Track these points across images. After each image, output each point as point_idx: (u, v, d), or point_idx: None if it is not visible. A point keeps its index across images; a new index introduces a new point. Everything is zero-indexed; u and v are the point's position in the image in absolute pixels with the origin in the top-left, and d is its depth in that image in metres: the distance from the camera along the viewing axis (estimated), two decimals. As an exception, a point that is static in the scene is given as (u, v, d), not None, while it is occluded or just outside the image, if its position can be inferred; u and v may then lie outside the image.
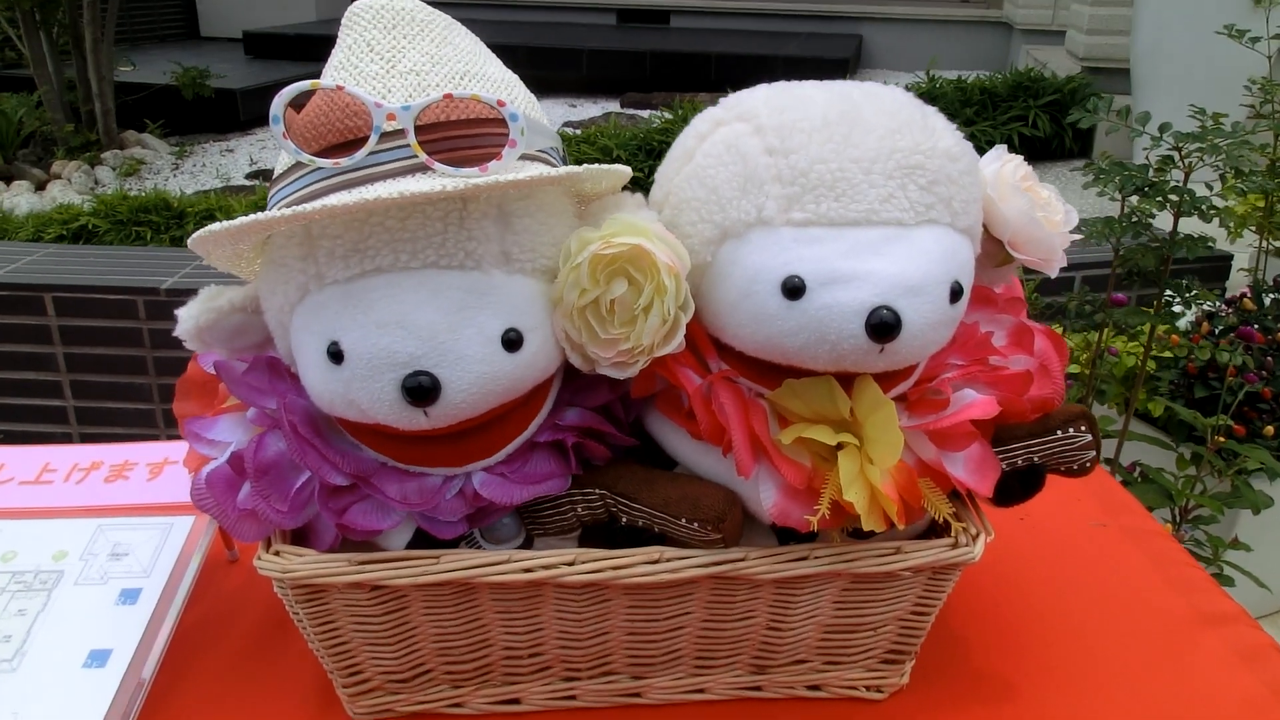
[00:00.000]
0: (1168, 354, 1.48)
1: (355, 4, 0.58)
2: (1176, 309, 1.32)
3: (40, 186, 3.83)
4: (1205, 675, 0.73)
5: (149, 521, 0.80)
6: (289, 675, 0.73)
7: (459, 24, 0.61)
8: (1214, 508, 1.26)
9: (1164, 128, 1.11)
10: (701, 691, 0.70)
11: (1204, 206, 1.12)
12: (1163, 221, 1.24)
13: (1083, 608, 0.80)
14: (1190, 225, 1.24)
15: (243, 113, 4.79)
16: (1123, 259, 1.23)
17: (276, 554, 0.61)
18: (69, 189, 3.76)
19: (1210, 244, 1.16)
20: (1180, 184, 1.14)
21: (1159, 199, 1.13)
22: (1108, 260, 1.42)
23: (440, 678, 0.68)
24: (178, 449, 0.89)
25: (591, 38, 5.83)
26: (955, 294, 0.56)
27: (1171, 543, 0.89)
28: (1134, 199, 1.17)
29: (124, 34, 5.09)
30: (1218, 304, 1.53)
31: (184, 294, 0.62)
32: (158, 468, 0.87)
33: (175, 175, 4.07)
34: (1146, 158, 1.19)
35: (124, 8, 4.68)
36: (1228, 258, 2.13)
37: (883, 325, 0.53)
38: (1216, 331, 1.51)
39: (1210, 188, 1.16)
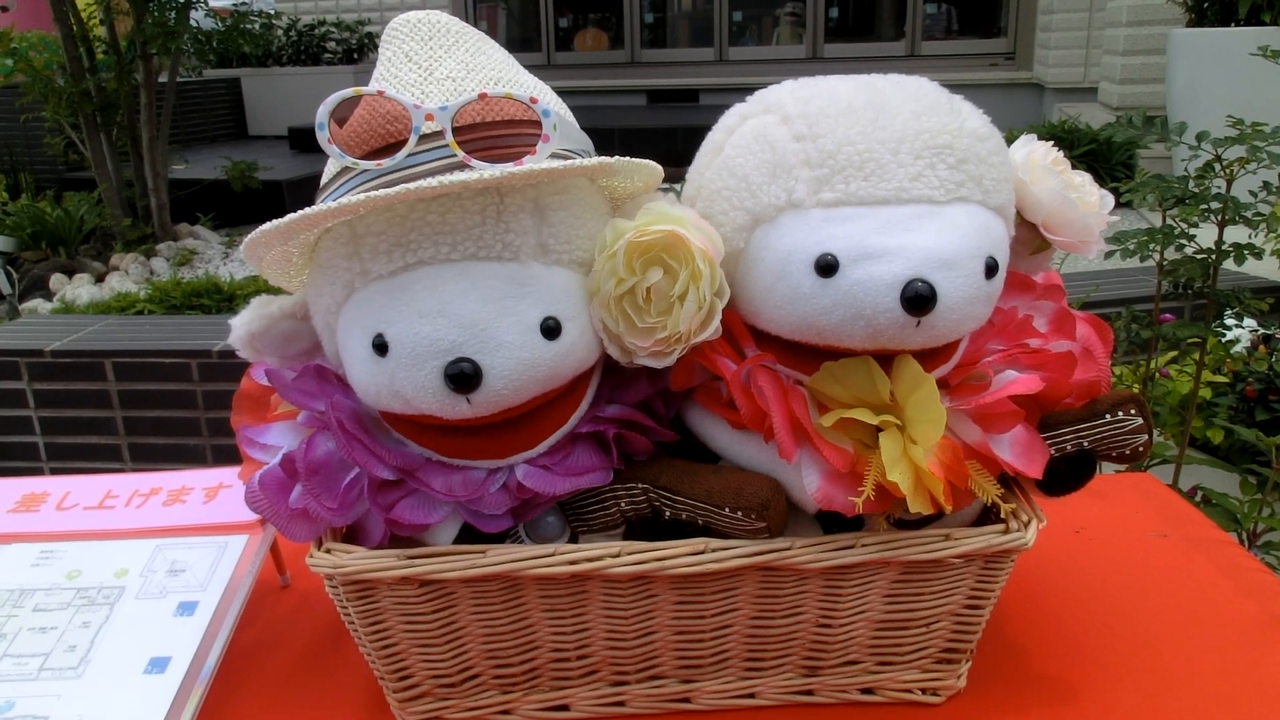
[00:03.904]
0: (1222, 378, 1.44)
1: (394, 20, 0.63)
2: (1229, 321, 1.29)
3: (100, 278, 4.01)
4: (1282, 676, 0.70)
5: (205, 540, 0.82)
6: (340, 687, 0.73)
7: (491, 39, 0.64)
8: (1284, 529, 1.21)
9: (1201, 135, 1.11)
10: (751, 696, 0.69)
11: (1249, 213, 1.11)
12: (1205, 239, 1.23)
13: (1148, 614, 0.78)
14: (1247, 265, 1.21)
15: (289, 202, 5.00)
16: (1167, 272, 1.22)
17: (328, 552, 0.62)
18: (126, 279, 3.93)
19: (1258, 253, 1.14)
20: (1223, 191, 1.12)
21: (1201, 208, 1.12)
22: (1152, 295, 1.39)
23: (489, 682, 0.68)
24: (231, 474, 0.91)
25: (625, 118, 6.01)
26: (990, 269, 0.57)
27: (1239, 550, 0.86)
28: (1174, 212, 1.16)
29: (178, 135, 5.38)
30: (1276, 329, 1.49)
31: (235, 356, 0.65)
32: (213, 491, 0.89)
33: (226, 263, 4.23)
34: (1186, 169, 1.19)
35: (178, 110, 4.95)
36: (1286, 287, 2.08)
37: (918, 298, 0.53)
38: (1274, 354, 1.47)
39: (1255, 195, 1.15)
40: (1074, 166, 0.66)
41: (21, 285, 3.99)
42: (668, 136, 5.57)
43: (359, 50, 7.10)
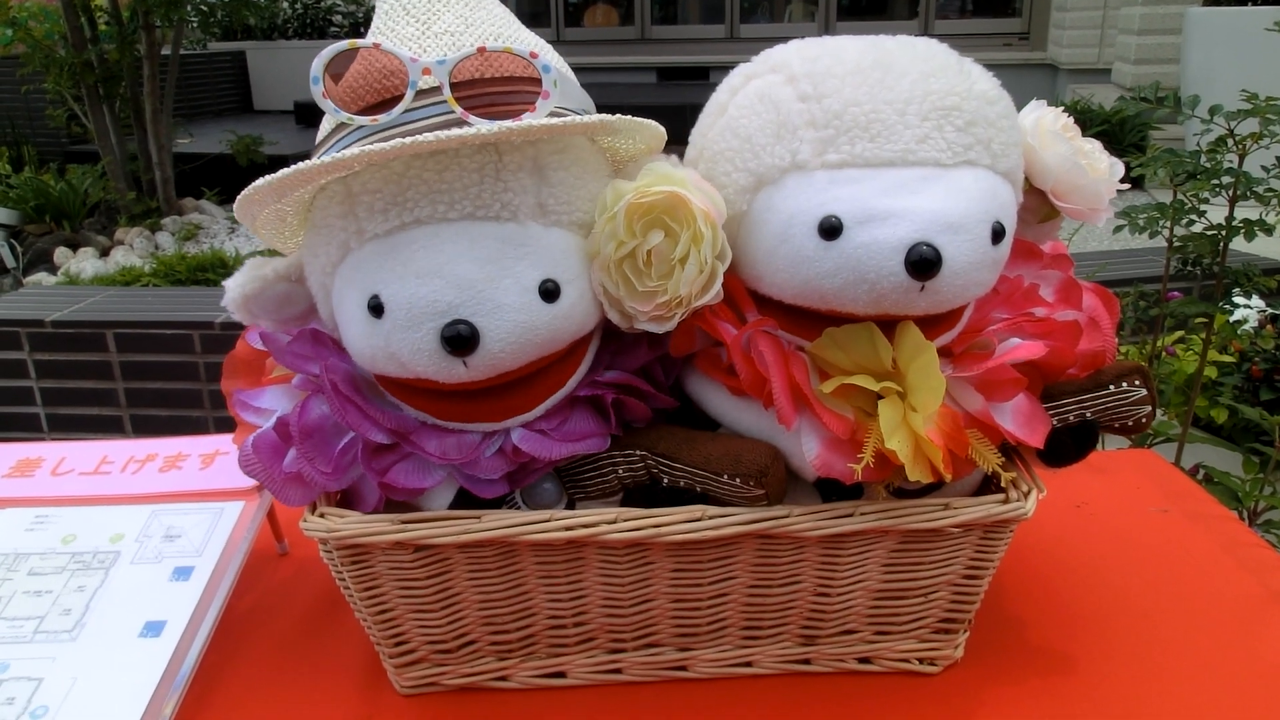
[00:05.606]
0: (1228, 358, 1.43)
1: None
2: (1237, 300, 1.28)
3: (105, 253, 4.01)
4: (1281, 651, 0.69)
5: (201, 506, 0.81)
6: (337, 653, 0.73)
7: None
8: (1286, 509, 1.20)
9: (1214, 109, 1.09)
10: (749, 665, 0.69)
11: (1261, 189, 1.09)
12: (1215, 217, 1.21)
13: (1146, 588, 0.77)
14: (1257, 245, 1.19)
15: (294, 178, 4.97)
16: (1177, 249, 1.20)
17: (322, 516, 0.61)
18: (131, 254, 3.93)
19: (1269, 229, 1.12)
20: (1235, 166, 1.11)
21: (1213, 183, 1.11)
22: (1160, 276, 1.38)
23: (485, 649, 0.67)
24: (228, 441, 0.90)
25: (634, 94, 5.96)
26: (997, 235, 0.56)
27: (1240, 526, 0.85)
28: (1185, 187, 1.15)
29: (182, 108, 5.35)
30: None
31: (237, 327, 0.64)
32: (209, 458, 0.89)
33: (231, 238, 4.22)
34: (1198, 144, 1.17)
35: (182, 83, 4.92)
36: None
37: (923, 261, 0.52)
38: (1281, 334, 1.46)
39: (1267, 170, 1.13)
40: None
41: (25, 259, 3.99)
42: (677, 114, 5.51)
43: (365, 24, 7.03)
